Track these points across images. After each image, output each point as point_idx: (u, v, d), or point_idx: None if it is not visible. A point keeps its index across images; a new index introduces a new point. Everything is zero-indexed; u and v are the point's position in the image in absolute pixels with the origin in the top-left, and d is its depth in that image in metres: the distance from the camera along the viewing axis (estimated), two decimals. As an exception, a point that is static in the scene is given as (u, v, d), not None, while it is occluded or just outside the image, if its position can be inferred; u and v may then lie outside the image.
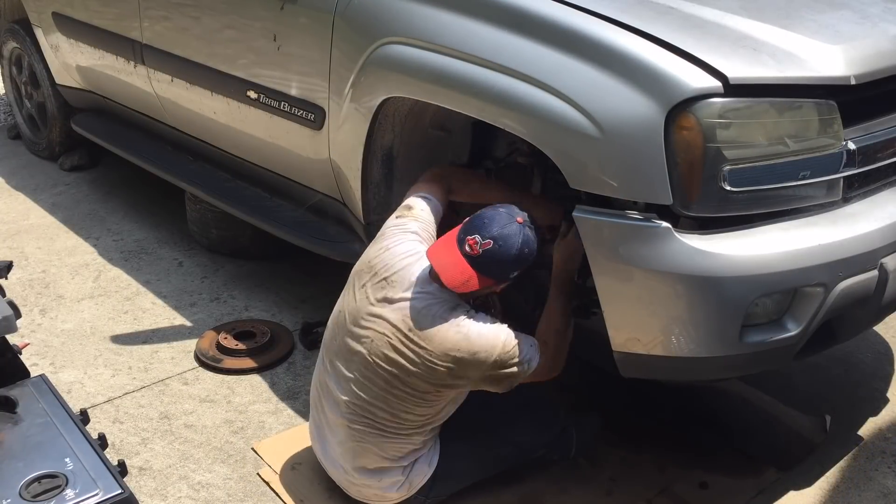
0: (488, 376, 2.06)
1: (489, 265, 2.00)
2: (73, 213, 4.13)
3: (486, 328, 2.03)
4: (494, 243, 1.99)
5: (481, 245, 1.99)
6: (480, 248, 1.98)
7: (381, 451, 2.16)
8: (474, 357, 2.01)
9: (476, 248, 1.99)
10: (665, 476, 2.46)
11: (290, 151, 2.91)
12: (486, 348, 2.01)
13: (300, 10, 2.65)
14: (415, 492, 2.22)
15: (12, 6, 4.66)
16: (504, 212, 2.05)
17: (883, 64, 2.11)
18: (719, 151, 1.86)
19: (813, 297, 1.98)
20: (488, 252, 1.98)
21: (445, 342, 2.00)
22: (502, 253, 1.99)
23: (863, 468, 2.51)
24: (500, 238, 1.99)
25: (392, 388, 2.07)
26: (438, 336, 2.00)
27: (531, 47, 2.06)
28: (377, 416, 2.12)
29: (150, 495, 2.34)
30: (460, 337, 2.00)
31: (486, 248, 1.98)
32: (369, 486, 2.21)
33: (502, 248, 1.99)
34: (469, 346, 2.00)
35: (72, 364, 2.93)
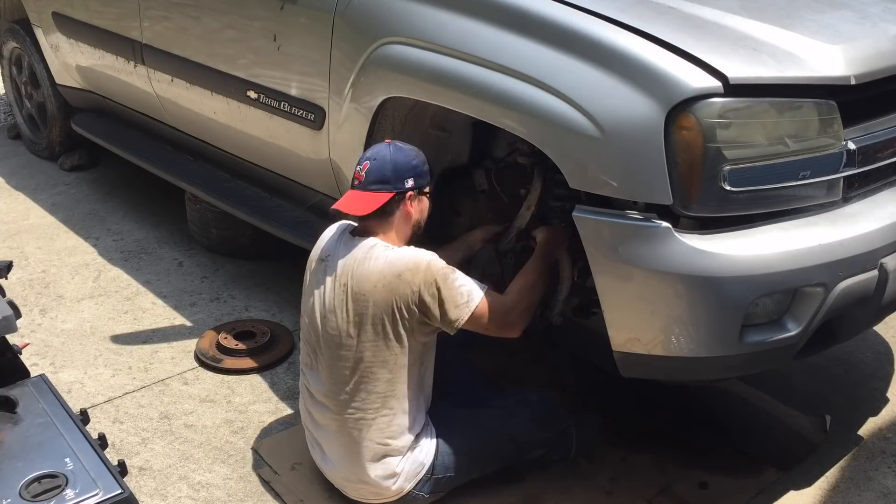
0: (425, 302, 2.07)
1: (375, 180, 2.15)
2: (73, 213, 4.13)
3: (406, 251, 2.14)
4: (370, 162, 2.17)
5: (362, 170, 2.17)
6: (363, 172, 2.17)
7: (372, 434, 2.17)
8: (400, 278, 2.07)
9: (360, 174, 2.17)
10: (665, 476, 2.46)
11: (290, 151, 2.91)
12: (410, 266, 2.08)
13: (300, 10, 2.65)
14: (412, 487, 2.22)
15: (12, 6, 4.66)
16: (375, 144, 2.28)
17: (883, 64, 2.11)
18: (719, 151, 1.86)
19: (813, 297, 1.98)
20: (369, 171, 2.15)
21: (372, 274, 2.09)
22: (380, 164, 2.16)
23: (863, 468, 2.51)
24: (372, 157, 2.18)
25: (352, 352, 2.12)
26: (365, 272, 2.10)
27: (531, 47, 2.06)
28: (357, 396, 2.15)
29: (150, 495, 2.34)
30: (382, 263, 2.10)
31: (365, 169, 2.16)
32: (366, 483, 2.21)
33: (378, 160, 2.16)
34: (392, 269, 2.08)
35: (72, 364, 2.93)
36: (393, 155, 2.17)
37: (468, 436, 2.29)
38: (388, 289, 2.08)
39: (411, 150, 2.22)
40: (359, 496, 2.26)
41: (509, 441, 2.32)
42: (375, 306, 2.09)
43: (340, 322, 2.14)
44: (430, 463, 2.23)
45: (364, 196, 2.15)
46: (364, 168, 2.16)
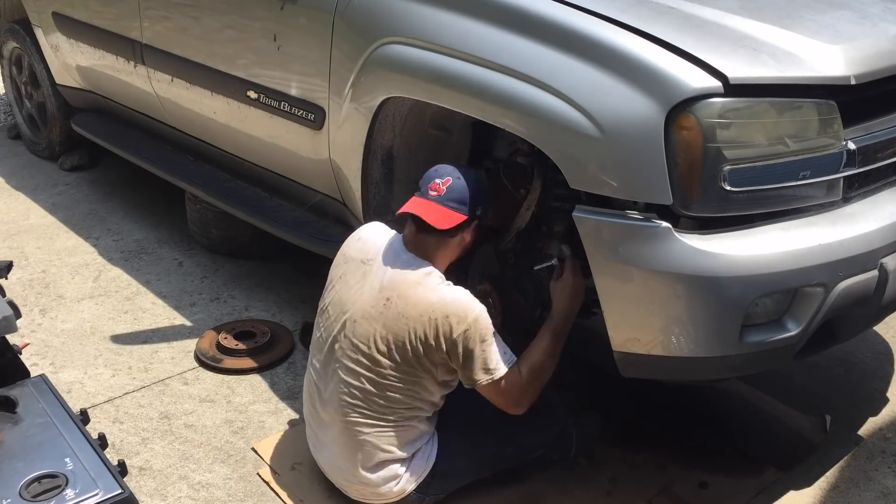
0: (457, 349, 2.06)
1: (456, 198, 2.14)
2: (73, 213, 4.13)
3: (461, 293, 2.11)
4: (453, 179, 2.14)
5: (443, 184, 2.14)
6: (443, 186, 2.14)
7: (378, 441, 2.16)
8: (448, 319, 2.05)
9: (440, 188, 2.14)
10: (665, 476, 2.46)
11: (290, 151, 2.91)
12: (460, 313, 2.06)
13: (300, 10, 2.65)
14: (413, 489, 2.22)
15: (12, 6, 4.66)
16: (446, 163, 2.24)
17: (883, 64, 2.11)
18: (719, 151, 1.86)
19: (813, 297, 1.98)
20: (451, 187, 2.13)
21: (420, 303, 2.07)
22: (463, 185, 2.14)
23: (863, 468, 2.51)
24: (454, 174, 2.16)
25: (376, 365, 2.11)
26: (414, 297, 2.08)
27: (531, 47, 2.06)
28: (369, 401, 2.13)
29: (150, 495, 2.34)
30: (436, 298, 2.07)
31: (448, 185, 2.14)
32: (368, 484, 2.21)
33: (461, 180, 2.15)
34: (444, 308, 2.06)
35: (72, 364, 2.93)
36: (474, 179, 2.17)
37: (469, 439, 2.29)
38: (432, 323, 2.05)
39: (479, 173, 2.24)
40: (359, 496, 2.26)
41: (510, 443, 2.32)
42: (414, 333, 2.06)
43: (372, 333, 2.10)
44: (431, 466, 2.23)
45: (442, 210, 2.12)
46: (446, 183, 2.13)
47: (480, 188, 2.18)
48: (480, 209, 2.18)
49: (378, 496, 2.23)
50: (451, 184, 2.13)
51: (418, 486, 2.22)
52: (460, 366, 2.09)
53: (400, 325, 2.07)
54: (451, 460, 2.25)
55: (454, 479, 2.28)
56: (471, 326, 2.06)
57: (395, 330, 2.08)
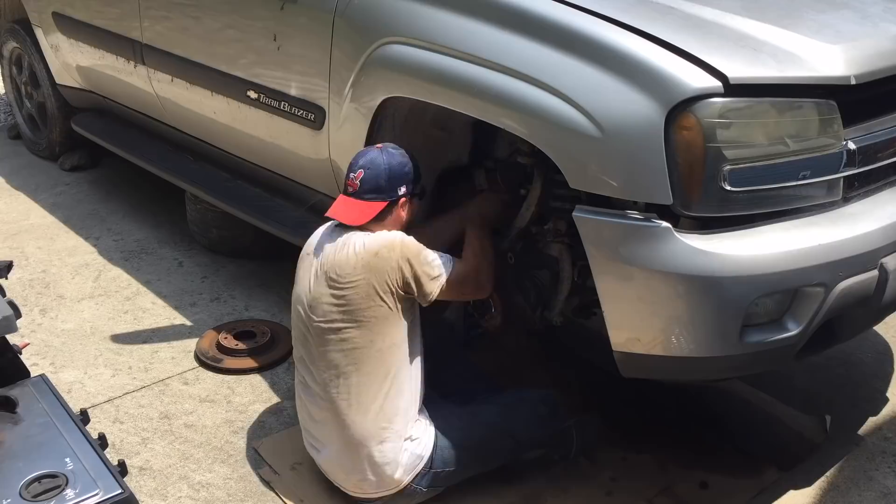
0: (404, 274, 2.14)
1: (369, 189, 2.21)
2: (74, 213, 4.13)
3: (381, 233, 2.20)
4: (364, 170, 2.21)
5: (356, 178, 2.22)
6: (357, 180, 2.21)
7: (371, 421, 2.17)
8: (378, 256, 2.13)
9: (354, 182, 2.22)
10: (665, 476, 2.46)
11: (291, 151, 2.91)
12: (385, 244, 2.15)
13: (300, 10, 2.65)
14: (411, 480, 2.22)
15: (12, 6, 4.66)
16: (365, 148, 2.33)
17: (883, 64, 2.11)
18: (720, 151, 1.86)
19: (813, 296, 1.98)
20: (364, 179, 2.21)
21: (350, 258, 2.16)
22: (374, 173, 2.20)
23: (863, 468, 2.51)
24: (366, 164, 2.22)
25: (344, 341, 2.16)
26: (345, 258, 2.17)
27: (531, 47, 2.06)
28: (351, 380, 2.17)
29: (150, 495, 2.34)
30: (360, 247, 2.16)
31: (360, 178, 2.21)
32: (366, 474, 2.21)
33: (371, 169, 2.21)
34: (368, 250, 2.15)
35: (72, 364, 2.93)
36: (387, 162, 2.22)
37: (468, 431, 2.29)
38: (367, 268, 2.13)
39: (403, 154, 2.27)
40: (359, 491, 2.26)
41: (509, 438, 2.32)
42: (356, 287, 2.14)
43: (326, 308, 2.17)
44: (428, 456, 2.23)
45: (358, 205, 2.21)
46: (358, 177, 2.21)
47: (397, 168, 2.23)
48: (405, 187, 2.24)
49: (377, 487, 2.23)
50: (364, 176, 2.20)
51: (415, 478, 2.23)
52: (412, 289, 2.17)
53: (344, 288, 2.14)
54: (448, 452, 2.25)
55: (451, 473, 2.27)
56: (401, 249, 2.15)
57: (342, 294, 2.15)
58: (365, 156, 2.25)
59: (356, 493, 2.27)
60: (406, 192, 2.25)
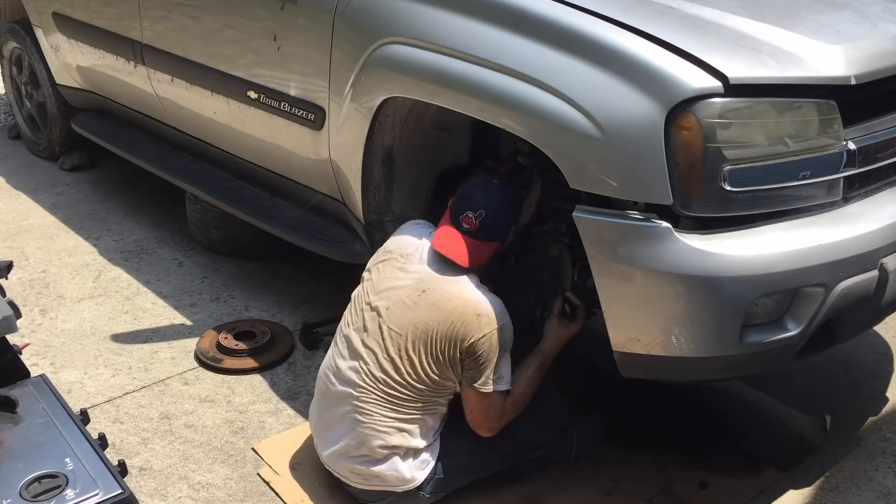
0: (475, 349, 2.10)
1: (489, 232, 2.17)
2: (74, 213, 4.13)
3: (496, 300, 2.14)
4: (486, 213, 2.15)
5: (475, 218, 2.15)
6: (476, 220, 2.15)
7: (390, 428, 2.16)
8: (477, 319, 2.09)
9: (473, 222, 2.15)
10: (665, 476, 2.46)
11: (291, 151, 2.91)
12: (491, 315, 2.10)
13: (300, 10, 2.65)
14: (416, 485, 2.22)
15: (12, 6, 4.66)
16: (481, 181, 2.26)
17: (883, 64, 2.11)
18: (719, 151, 1.86)
19: (813, 297, 1.98)
20: (484, 221, 2.15)
21: (455, 297, 2.12)
22: (496, 218, 2.17)
23: (863, 468, 2.51)
24: (488, 205, 2.16)
25: (400, 351, 2.13)
26: (451, 291, 2.12)
27: (531, 47, 2.06)
28: (388, 388, 2.15)
29: (150, 495, 2.34)
30: (472, 294, 2.12)
31: (481, 220, 2.15)
32: (371, 480, 2.21)
33: (494, 212, 2.16)
34: (477, 307, 2.10)
35: (72, 364, 2.93)
36: (508, 205, 2.20)
37: (469, 437, 2.29)
38: (461, 317, 2.09)
39: (515, 196, 2.24)
40: (361, 484, 2.25)
41: (511, 442, 2.32)
42: (442, 324, 2.10)
43: (406, 324, 2.14)
44: (433, 462, 2.23)
45: (473, 245, 2.16)
46: (479, 218, 2.15)
47: (513, 213, 2.21)
48: (513, 228, 2.23)
49: (382, 482, 2.22)
50: (484, 219, 2.15)
51: (420, 484, 2.23)
52: (469, 364, 2.12)
53: (431, 316, 2.11)
54: (453, 459, 2.26)
55: (454, 478, 2.28)
56: (496, 332, 2.09)
57: (427, 320, 2.11)
58: (483, 193, 2.18)
59: (360, 487, 2.26)
60: (515, 231, 2.24)
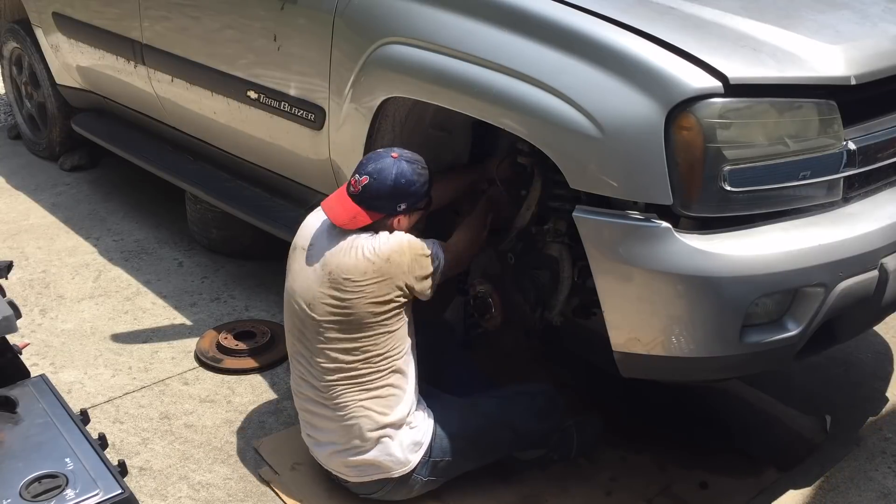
0: (411, 276, 2.16)
1: (370, 199, 2.17)
2: (74, 213, 4.13)
3: (389, 236, 2.19)
4: (370, 178, 2.17)
5: (360, 182, 2.17)
6: (360, 185, 2.17)
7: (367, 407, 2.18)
8: (389, 262, 2.13)
9: (357, 185, 2.18)
10: (665, 476, 2.46)
11: (291, 151, 2.91)
12: (396, 249, 2.15)
13: (300, 10, 2.65)
14: (411, 468, 2.22)
15: (12, 6, 4.66)
16: (381, 151, 2.26)
17: (883, 64, 2.11)
18: (719, 151, 1.86)
19: (813, 297, 1.98)
20: (366, 186, 2.17)
21: (360, 262, 2.14)
22: (379, 185, 2.16)
23: (863, 468, 2.51)
24: (374, 172, 2.17)
25: (342, 333, 2.17)
26: (353, 260, 2.15)
27: (531, 47, 2.06)
28: (348, 370, 2.18)
29: (150, 495, 2.34)
30: (370, 252, 2.15)
31: (364, 184, 2.17)
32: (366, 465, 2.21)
33: (377, 180, 2.16)
34: (381, 255, 2.14)
35: (72, 364, 2.93)
36: (395, 177, 2.17)
37: (467, 421, 2.31)
38: (378, 273, 2.13)
39: (415, 171, 2.20)
40: (359, 478, 2.25)
41: (508, 429, 2.33)
42: (365, 291, 2.13)
43: (330, 308, 2.16)
44: (427, 444, 2.24)
45: (353, 210, 2.18)
46: (363, 182, 2.17)
47: (404, 186, 2.18)
48: (405, 204, 2.20)
49: (377, 474, 2.23)
50: (367, 183, 2.16)
51: (415, 467, 2.23)
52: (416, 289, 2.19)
53: (350, 290, 2.13)
54: (447, 442, 2.26)
55: (450, 463, 2.28)
56: (409, 251, 2.17)
57: (348, 296, 2.14)
58: (376, 162, 2.19)
59: (357, 480, 2.26)
60: (405, 208, 2.21)
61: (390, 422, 2.20)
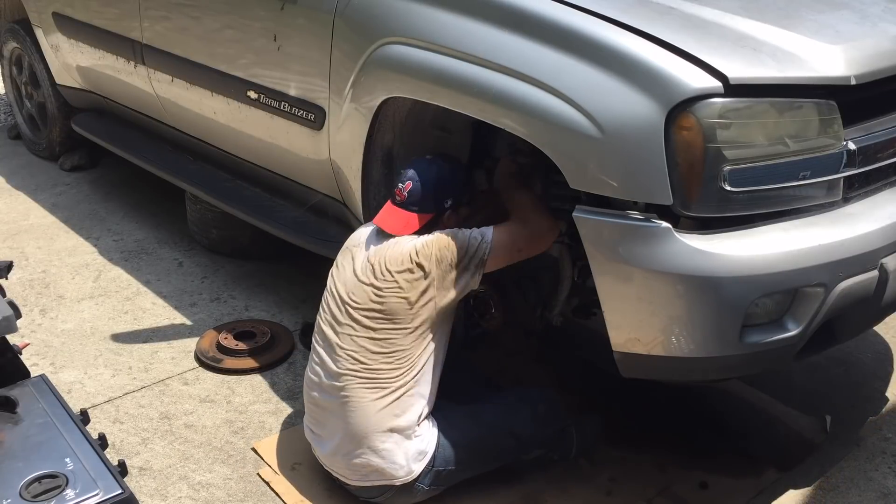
0: (447, 262, 2.18)
1: (416, 201, 2.26)
2: (74, 213, 4.13)
3: (428, 236, 2.23)
4: (413, 182, 2.26)
5: (405, 189, 2.26)
6: (405, 191, 2.26)
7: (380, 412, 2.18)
8: (419, 256, 2.17)
9: (402, 193, 2.27)
10: (665, 476, 2.46)
11: (291, 152, 2.91)
12: (432, 239, 2.21)
13: (300, 10, 2.65)
14: (414, 477, 2.22)
15: (12, 6, 4.66)
16: (418, 157, 2.36)
17: (883, 64, 2.11)
18: (719, 151, 1.86)
19: (813, 297, 1.98)
20: (411, 191, 2.26)
21: (401, 254, 2.20)
22: (422, 186, 2.25)
23: (863, 468, 2.51)
24: (415, 176, 2.26)
25: (375, 322, 2.19)
26: (398, 254, 2.21)
27: (531, 47, 2.06)
28: (369, 365, 2.19)
29: (150, 495, 2.34)
30: (413, 244, 2.21)
31: (408, 190, 2.26)
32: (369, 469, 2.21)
33: (419, 182, 2.25)
34: (421, 246, 2.19)
35: (72, 364, 2.93)
36: (436, 176, 2.27)
37: (469, 430, 2.30)
38: (411, 269, 2.16)
39: (452, 166, 2.32)
40: (361, 482, 2.24)
41: (510, 437, 2.32)
42: (399, 284, 2.17)
43: (370, 296, 2.20)
44: (431, 454, 2.23)
45: (404, 216, 2.26)
46: (407, 188, 2.25)
47: (443, 181, 2.27)
48: (450, 200, 2.29)
49: (379, 479, 2.22)
50: (412, 188, 2.25)
51: (418, 476, 2.22)
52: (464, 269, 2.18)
53: (387, 279, 2.18)
54: (450, 451, 2.25)
55: (452, 472, 2.27)
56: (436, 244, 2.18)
57: (389, 285, 2.18)
58: (416, 165, 2.29)
59: (358, 484, 2.26)
60: (452, 204, 2.30)
61: (399, 427, 2.19)
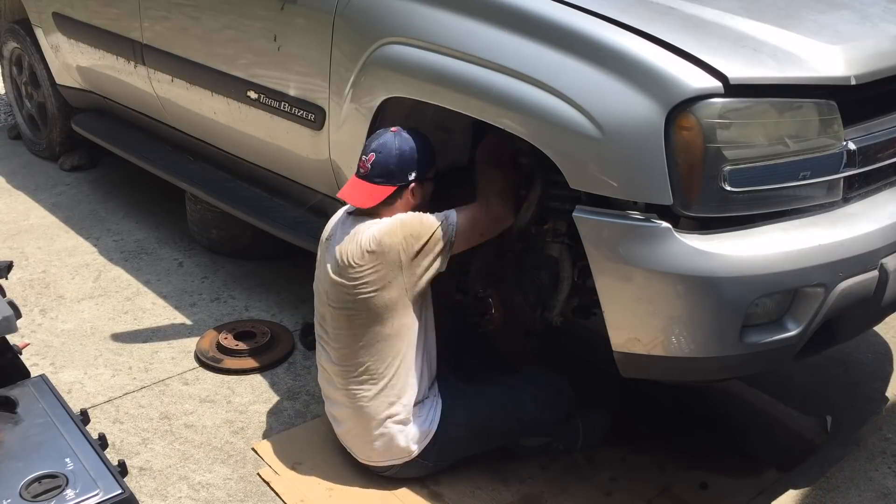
0: (413, 248, 2.16)
1: (379, 174, 2.23)
2: (74, 214, 4.13)
3: (386, 220, 2.22)
4: (376, 153, 2.24)
5: (368, 160, 2.24)
6: (368, 163, 2.24)
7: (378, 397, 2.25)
8: (381, 245, 2.16)
9: (366, 165, 2.25)
10: (665, 476, 2.46)
11: (291, 151, 2.91)
12: (387, 231, 2.18)
13: (300, 10, 2.65)
14: (418, 452, 2.28)
15: (12, 6, 4.66)
16: (381, 129, 2.33)
17: (883, 64, 2.11)
18: (719, 151, 1.86)
19: (813, 297, 1.98)
20: (374, 162, 2.23)
21: (358, 249, 2.19)
22: (385, 158, 2.23)
23: (863, 468, 2.51)
24: (379, 147, 2.24)
25: (353, 317, 2.22)
26: (356, 248, 2.19)
27: (531, 47, 2.06)
28: (356, 359, 2.24)
29: (150, 495, 2.34)
30: (366, 239, 2.19)
31: (371, 161, 2.24)
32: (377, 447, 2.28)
33: (383, 153, 2.23)
34: (374, 240, 2.17)
35: (72, 364, 2.93)
36: (399, 147, 2.23)
37: (474, 409, 2.34)
38: (374, 258, 2.16)
39: (417, 140, 2.27)
40: (369, 460, 2.33)
41: (513, 418, 2.36)
42: (366, 276, 2.17)
43: (340, 294, 2.23)
44: (435, 431, 2.29)
45: (367, 188, 2.24)
46: (370, 160, 2.23)
47: (409, 153, 2.24)
48: (415, 172, 2.25)
49: (386, 456, 2.30)
50: (374, 159, 2.23)
51: (422, 451, 2.28)
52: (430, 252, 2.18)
53: (354, 276, 2.18)
54: (454, 429, 2.31)
55: (457, 449, 2.34)
56: (400, 229, 2.16)
57: (353, 282, 2.19)
58: (378, 139, 2.27)
59: (367, 462, 2.35)
60: (416, 177, 2.26)
61: (395, 413, 2.26)
